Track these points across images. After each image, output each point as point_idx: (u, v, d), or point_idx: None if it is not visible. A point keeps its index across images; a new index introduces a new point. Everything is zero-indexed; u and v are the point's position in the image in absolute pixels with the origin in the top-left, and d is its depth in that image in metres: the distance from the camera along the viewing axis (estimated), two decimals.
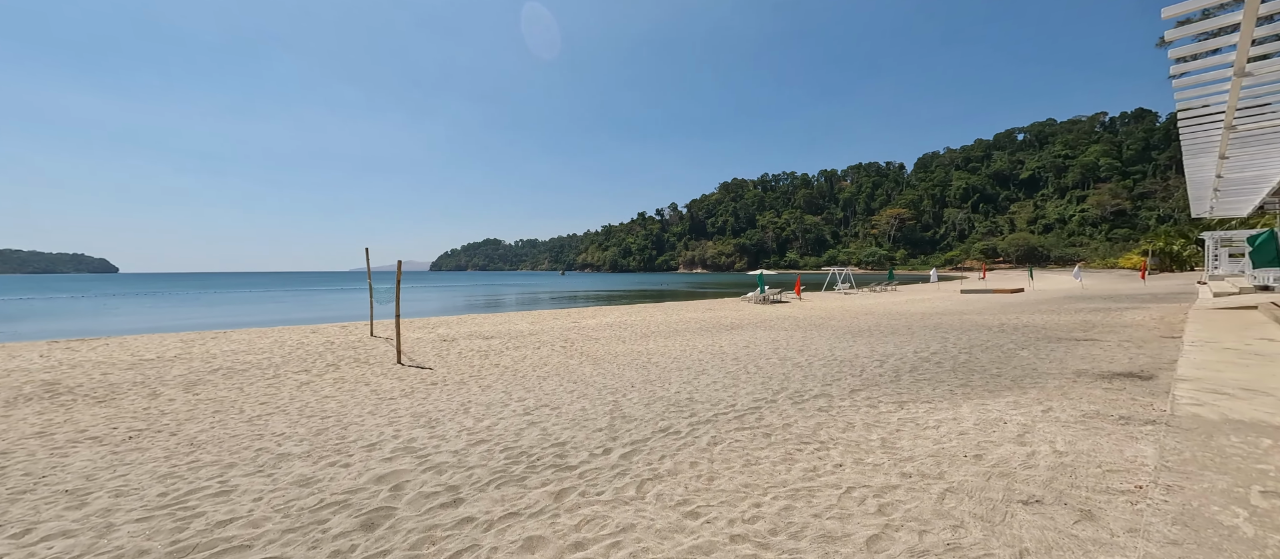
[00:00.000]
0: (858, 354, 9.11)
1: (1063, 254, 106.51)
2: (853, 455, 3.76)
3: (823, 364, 8.26)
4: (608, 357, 10.06)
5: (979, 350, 8.87)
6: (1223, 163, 7.08)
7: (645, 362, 9.32)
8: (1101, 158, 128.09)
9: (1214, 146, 5.96)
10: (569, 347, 11.63)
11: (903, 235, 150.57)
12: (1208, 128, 5.97)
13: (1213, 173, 7.50)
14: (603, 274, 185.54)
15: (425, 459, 4.43)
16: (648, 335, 13.29)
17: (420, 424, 5.77)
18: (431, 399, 7.02)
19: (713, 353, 10.02)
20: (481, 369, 9.23)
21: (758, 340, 11.65)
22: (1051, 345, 9.09)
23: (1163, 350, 8.13)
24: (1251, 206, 12.46)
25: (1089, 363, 7.39)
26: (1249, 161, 7.24)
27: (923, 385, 6.33)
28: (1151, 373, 6.49)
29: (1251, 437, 3.16)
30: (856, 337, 11.67)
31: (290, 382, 8.47)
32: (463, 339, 13.39)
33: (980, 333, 11.33)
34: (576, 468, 3.89)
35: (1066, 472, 3.31)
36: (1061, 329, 11.45)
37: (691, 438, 4.51)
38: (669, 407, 5.89)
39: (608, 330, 14.64)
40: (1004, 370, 7.03)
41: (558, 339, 12.89)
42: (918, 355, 8.64)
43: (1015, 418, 4.64)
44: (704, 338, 12.49)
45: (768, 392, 6.39)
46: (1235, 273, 23.65)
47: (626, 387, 7.24)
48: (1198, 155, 6.87)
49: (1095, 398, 5.29)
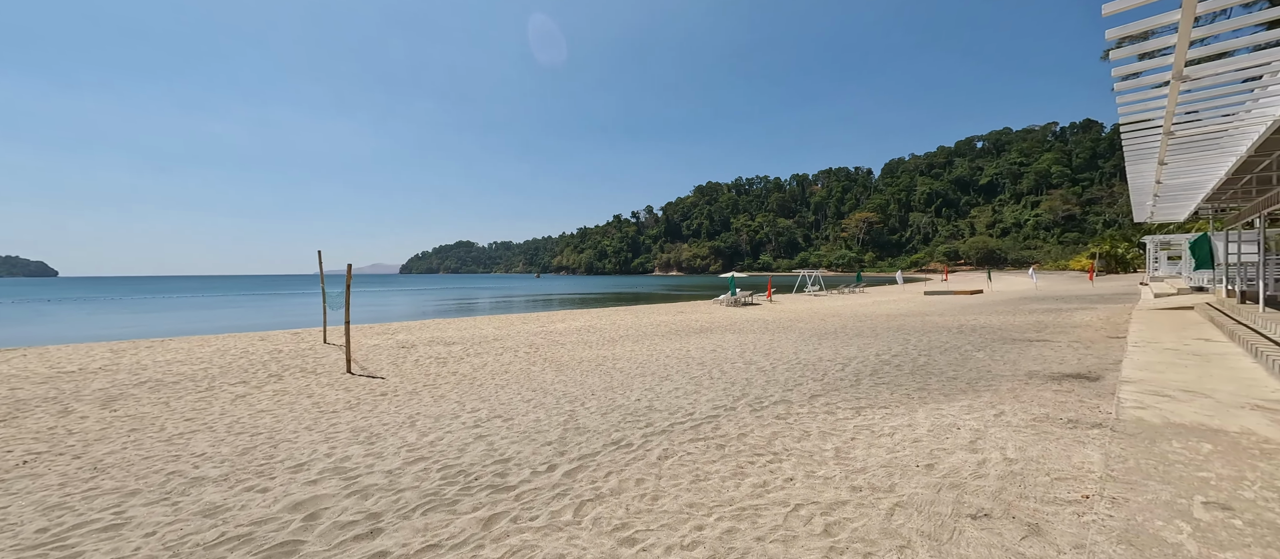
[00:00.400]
0: (822, 357, 9.11)
1: (1019, 257, 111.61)
2: (805, 468, 3.63)
3: (787, 368, 8.19)
4: (572, 363, 9.77)
5: (938, 353, 8.99)
6: (1162, 169, 7.37)
7: (610, 367, 9.09)
8: (1053, 165, 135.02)
9: (1154, 153, 6.18)
10: (533, 352, 11.28)
11: (871, 238, 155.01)
12: (1148, 135, 6.18)
13: (1152, 179, 7.83)
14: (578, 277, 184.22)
15: (353, 481, 4.08)
16: (616, 340, 13.05)
17: (359, 440, 5.37)
18: (377, 412, 6.60)
19: (679, 357, 9.86)
20: (438, 378, 8.81)
21: (725, 344, 11.57)
22: (1006, 347, 9.30)
23: (1109, 351, 8.40)
24: (1187, 211, 13.18)
25: (1040, 364, 7.55)
26: (1185, 168, 7.58)
27: (881, 389, 6.31)
28: (1098, 374, 6.65)
29: (1192, 441, 3.17)
30: (822, 339, 11.72)
31: (225, 395, 7.87)
32: (423, 345, 12.85)
33: (940, 334, 11.55)
34: (515, 488, 3.62)
35: (1016, 480, 3.24)
36: (1016, 330, 11.78)
37: (643, 451, 4.29)
38: (626, 416, 5.67)
39: (576, 335, 14.33)
40: (960, 373, 7.10)
41: (523, 345, 12.51)
42: (879, 358, 8.68)
43: (968, 423, 4.61)
44: (672, 342, 12.34)
45: (728, 398, 6.24)
46: (1173, 274, 25.12)
47: (586, 395, 6.99)
48: (1139, 162, 7.15)
49: (1045, 400, 5.34)
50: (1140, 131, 6.31)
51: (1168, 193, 9.02)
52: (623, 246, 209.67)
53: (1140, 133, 6.35)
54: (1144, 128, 6.08)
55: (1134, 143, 6.66)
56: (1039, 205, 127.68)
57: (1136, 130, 6.33)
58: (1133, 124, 6.10)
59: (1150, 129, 6.09)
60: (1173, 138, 5.08)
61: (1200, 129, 5.14)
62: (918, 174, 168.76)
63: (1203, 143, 6.09)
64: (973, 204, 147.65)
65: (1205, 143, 5.93)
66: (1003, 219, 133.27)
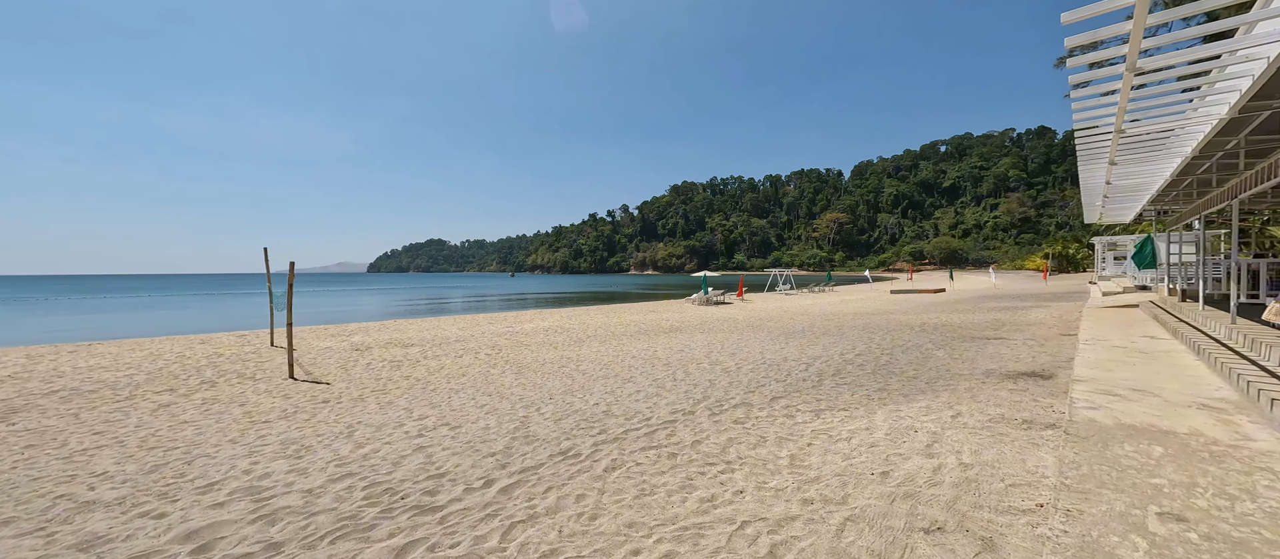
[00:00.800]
0: (787, 357, 9.02)
1: (979, 257, 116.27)
2: (757, 478, 3.42)
3: (751, 368, 8.06)
4: (534, 365, 9.41)
5: (900, 351, 9.03)
6: (1112, 170, 7.56)
7: (573, 369, 8.77)
8: (1011, 170, 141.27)
9: (1105, 153, 6.33)
10: (495, 354, 10.85)
11: (841, 238, 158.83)
12: (1099, 138, 6.30)
13: (1103, 180, 8.06)
14: (553, 276, 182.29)
15: (264, 503, 3.66)
16: (583, 340, 12.73)
17: (286, 454, 4.92)
18: (314, 421, 6.12)
19: (645, 358, 9.62)
20: (389, 382, 8.32)
21: (693, 344, 11.40)
22: (965, 345, 9.43)
23: (1061, 348, 8.59)
24: (1133, 213, 13.77)
25: (997, 362, 7.63)
26: (1133, 170, 7.82)
27: (842, 390, 6.21)
28: (1051, 371, 6.74)
29: (1143, 444, 3.12)
30: (790, 338, 11.70)
31: (146, 404, 7.20)
32: (379, 348, 12.23)
33: (903, 333, 11.68)
34: (442, 509, 3.29)
35: (971, 488, 3.12)
36: (975, 328, 12.03)
37: (590, 461, 4.02)
38: (580, 422, 5.39)
39: (542, 335, 13.93)
40: (920, 372, 7.09)
41: (486, 346, 12.05)
42: (843, 358, 8.65)
43: (926, 425, 4.52)
44: (640, 342, 12.10)
45: (689, 401, 6.04)
46: (1119, 273, 26.43)
47: (544, 399, 6.67)
48: (1091, 163, 7.33)
49: (1001, 400, 5.33)
50: (1093, 136, 6.43)
51: (1116, 193, 9.33)
52: (598, 245, 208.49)
53: (1092, 136, 6.47)
54: (1095, 133, 6.24)
55: (1087, 144, 6.79)
56: (998, 208, 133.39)
57: (1089, 135, 6.45)
58: (1086, 129, 6.20)
59: (1101, 134, 6.20)
60: (1124, 134, 5.16)
61: (1150, 126, 5.27)
62: (885, 176, 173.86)
63: (1150, 143, 6.26)
64: (937, 206, 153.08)
65: (1152, 143, 6.11)
66: (964, 220, 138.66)
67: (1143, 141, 6.10)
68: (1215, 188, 7.58)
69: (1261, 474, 2.64)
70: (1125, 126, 5.15)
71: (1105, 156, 6.64)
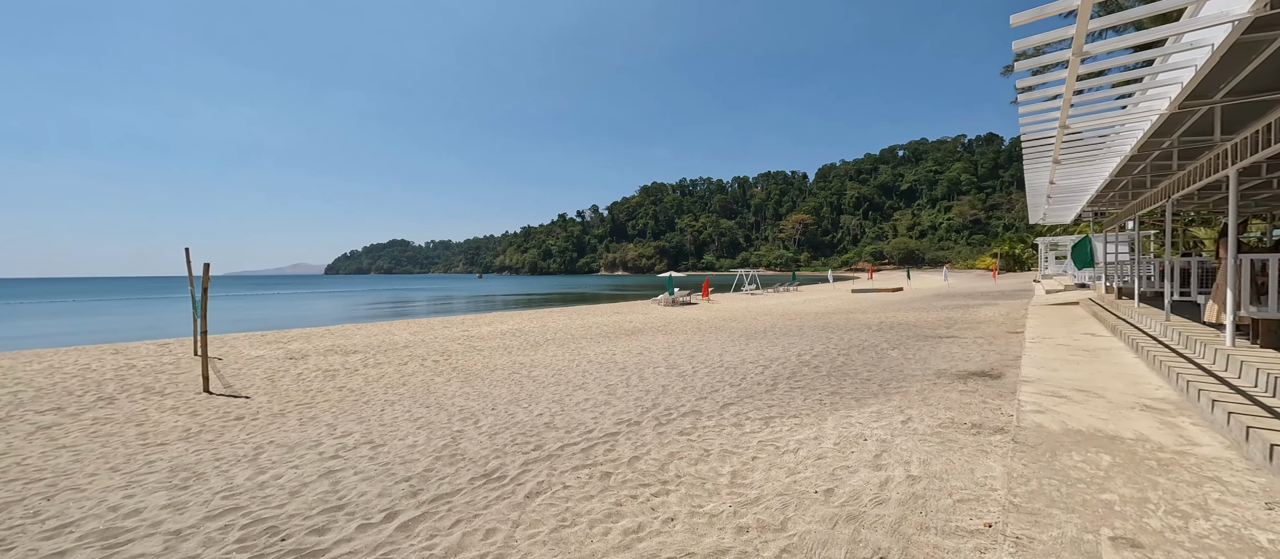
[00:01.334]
0: (745, 359, 8.83)
1: (934, 257, 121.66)
2: (692, 501, 3.11)
3: (708, 372, 7.81)
4: (483, 371, 8.86)
5: (856, 351, 8.99)
6: (1055, 169, 7.72)
7: (524, 376, 8.29)
8: (962, 174, 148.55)
9: (1049, 153, 6.42)
10: (444, 360, 10.22)
11: (806, 239, 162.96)
12: (1044, 136, 6.35)
13: (1047, 180, 8.27)
14: (521, 277, 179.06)
15: (114, 552, 3.07)
16: (541, 344, 12.21)
17: (171, 484, 4.28)
18: (218, 442, 5.44)
19: (602, 362, 9.23)
20: (318, 394, 7.62)
21: (653, 346, 11.09)
22: (919, 344, 9.49)
23: (1009, 347, 8.74)
24: (1073, 214, 14.41)
25: (948, 361, 7.65)
26: (1074, 171, 8.03)
27: (796, 394, 6.01)
28: (1000, 371, 6.77)
29: (1091, 452, 2.98)
30: (751, 339, 11.56)
31: (22, 427, 6.29)
32: (317, 355, 11.36)
33: (861, 333, 11.75)
34: (324, 553, 2.81)
35: (918, 506, 2.90)
36: (929, 327, 12.24)
37: (514, 485, 3.61)
38: (517, 436, 4.96)
39: (499, 339, 13.33)
40: (874, 374, 7.00)
41: (435, 352, 11.37)
42: (800, 359, 8.52)
43: (876, 432, 4.33)
44: (599, 345, 11.70)
45: (638, 410, 5.69)
46: (1060, 272, 27.90)
47: (485, 410, 6.19)
48: (1036, 163, 7.48)
49: (951, 402, 5.23)
50: (1038, 136, 6.49)
51: (1059, 194, 9.64)
52: (568, 246, 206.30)
53: (1038, 136, 6.53)
54: (1041, 132, 6.34)
55: (1033, 144, 6.86)
56: (951, 210, 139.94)
57: (1035, 135, 6.50)
58: (1032, 127, 6.23)
59: (1045, 134, 6.25)
60: (1068, 130, 5.19)
61: (1094, 120, 5.34)
62: (848, 179, 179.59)
63: (1091, 145, 6.38)
64: (895, 208, 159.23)
65: (1093, 145, 6.24)
66: (921, 222, 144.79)
67: (1085, 141, 6.20)
68: (1149, 188, 7.89)
69: (1211, 486, 2.52)
70: (1069, 121, 5.16)
71: (1049, 157, 6.75)
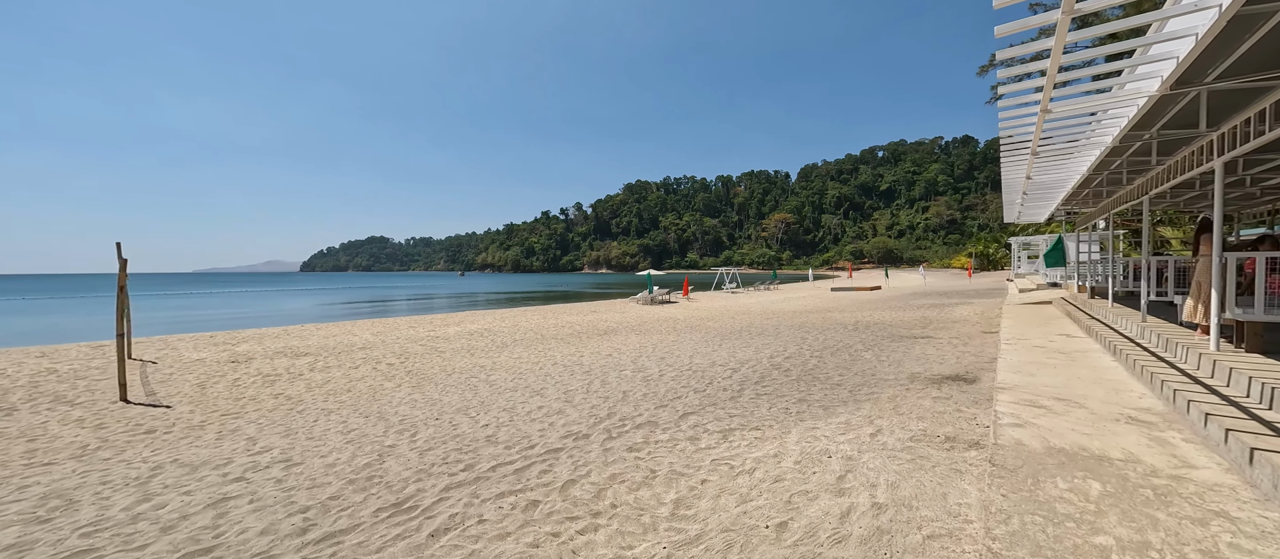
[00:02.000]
0: (716, 361, 8.42)
1: (912, 256, 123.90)
2: (621, 541, 2.64)
3: (675, 376, 7.37)
4: (439, 376, 8.26)
5: (829, 353, 8.66)
6: (1033, 163, 7.47)
7: (481, 381, 7.73)
8: (939, 175, 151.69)
9: (1027, 144, 6.16)
10: (400, 363, 9.57)
11: (788, 238, 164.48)
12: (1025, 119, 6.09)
13: (1023, 175, 8.07)
14: (504, 275, 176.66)
15: None
16: (508, 345, 11.63)
17: (35, 516, 3.67)
18: (116, 461, 4.80)
19: (567, 365, 8.72)
20: (249, 403, 6.96)
21: (624, 347, 10.62)
22: (893, 345, 9.21)
23: (984, 348, 8.51)
24: (1048, 212, 14.40)
25: (923, 364, 7.36)
26: (1051, 167, 7.82)
27: (762, 402, 5.61)
28: (975, 375, 6.48)
29: (1078, 478, 2.61)
30: (725, 340, 11.18)
31: None
32: (264, 358, 10.60)
33: (836, 332, 11.47)
34: None
35: (882, 543, 2.48)
36: (904, 327, 12.04)
37: (424, 519, 3.10)
38: (451, 452, 4.44)
39: (465, 340, 12.69)
40: (845, 378, 6.65)
41: (393, 354, 10.69)
42: (772, 361, 8.15)
43: (842, 447, 3.93)
44: (569, 346, 11.18)
45: (590, 420, 5.22)
46: (1032, 272, 28.31)
47: (427, 420, 5.65)
48: (1014, 155, 7.23)
49: (924, 411, 4.88)
50: (1017, 129, 6.23)
51: (1036, 191, 9.48)
52: (551, 244, 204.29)
53: (1017, 129, 6.27)
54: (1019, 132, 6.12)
55: (1011, 135, 6.60)
56: (928, 210, 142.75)
57: (1013, 130, 6.23)
58: (1012, 119, 5.95)
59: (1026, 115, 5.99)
60: (1049, 114, 4.89)
61: (1076, 104, 5.10)
62: (829, 179, 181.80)
63: (1071, 132, 6.14)
64: (875, 208, 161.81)
65: (1074, 128, 5.97)
66: (899, 222, 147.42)
67: (1065, 130, 5.95)
68: (1125, 186, 7.74)
69: (1219, 524, 2.17)
70: (1052, 105, 4.85)
71: (1027, 150, 6.49)
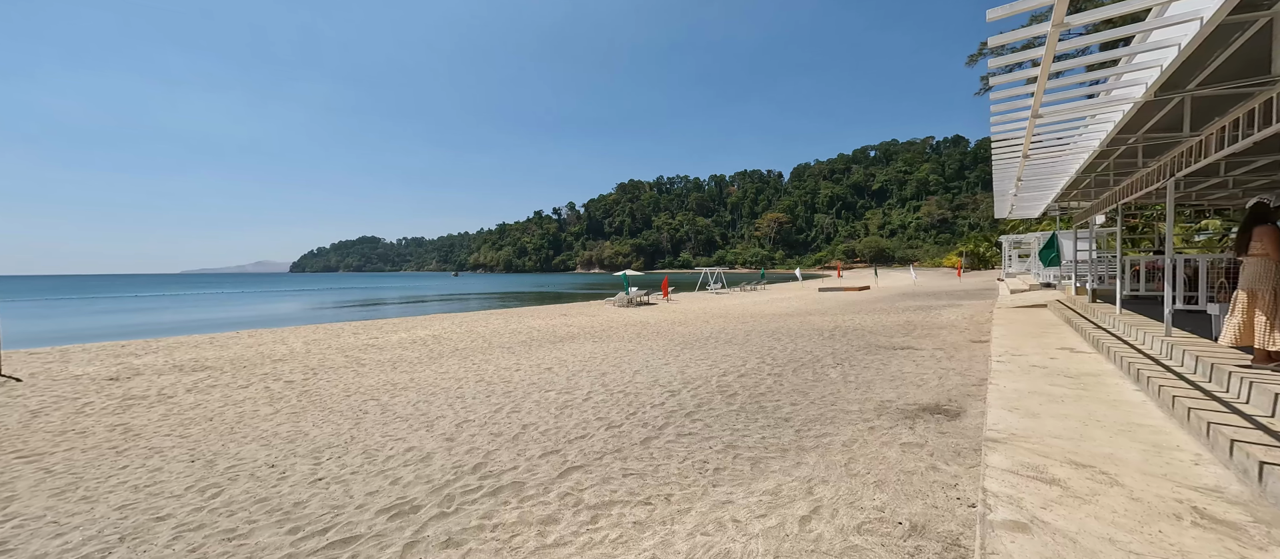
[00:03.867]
0: (658, 380, 7.10)
1: (904, 255, 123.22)
2: None
3: (601, 399, 6.06)
4: (333, 399, 6.86)
5: (791, 370, 7.37)
6: (1029, 145, 6.27)
7: (377, 406, 6.38)
8: (931, 175, 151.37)
9: (1023, 126, 5.03)
10: (301, 381, 8.16)
11: (781, 237, 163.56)
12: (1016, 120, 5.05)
13: (1015, 175, 6.84)
14: (496, 275, 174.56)
15: None
16: (442, 357, 10.25)
17: None
18: None
19: (492, 383, 7.37)
20: (69, 438, 5.62)
21: (569, 359, 9.29)
22: (868, 358, 7.93)
23: (973, 364, 7.25)
24: (1042, 206, 13.22)
25: (897, 387, 6.08)
26: (1049, 154, 6.62)
27: (678, 448, 4.30)
28: (959, 405, 5.20)
29: None
30: (685, 349, 9.90)
31: None
32: (151, 374, 9.17)
33: (809, 340, 10.20)
34: None
35: None
36: (885, 333, 10.80)
37: None
38: (214, 535, 3.09)
39: (401, 350, 11.29)
40: (798, 408, 5.35)
41: (304, 369, 9.26)
42: (721, 381, 6.83)
43: (753, 548, 2.62)
44: (512, 357, 9.82)
45: (447, 475, 3.91)
46: (1023, 271, 27.23)
47: (257, 469, 4.35)
48: (1005, 150, 6.07)
49: (887, 470, 3.58)
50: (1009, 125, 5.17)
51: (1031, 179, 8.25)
52: (543, 244, 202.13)
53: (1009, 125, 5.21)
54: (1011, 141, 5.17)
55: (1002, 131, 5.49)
56: (919, 209, 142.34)
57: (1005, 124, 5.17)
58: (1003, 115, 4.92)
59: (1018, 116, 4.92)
60: (1049, 84, 3.75)
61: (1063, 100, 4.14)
62: (822, 178, 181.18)
63: (1073, 114, 4.98)
64: (867, 207, 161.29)
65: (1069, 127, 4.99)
66: (891, 221, 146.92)
67: (1069, 101, 4.78)
68: (1140, 169, 6.53)
69: None
70: (1049, 81, 3.75)
71: (1023, 133, 5.36)
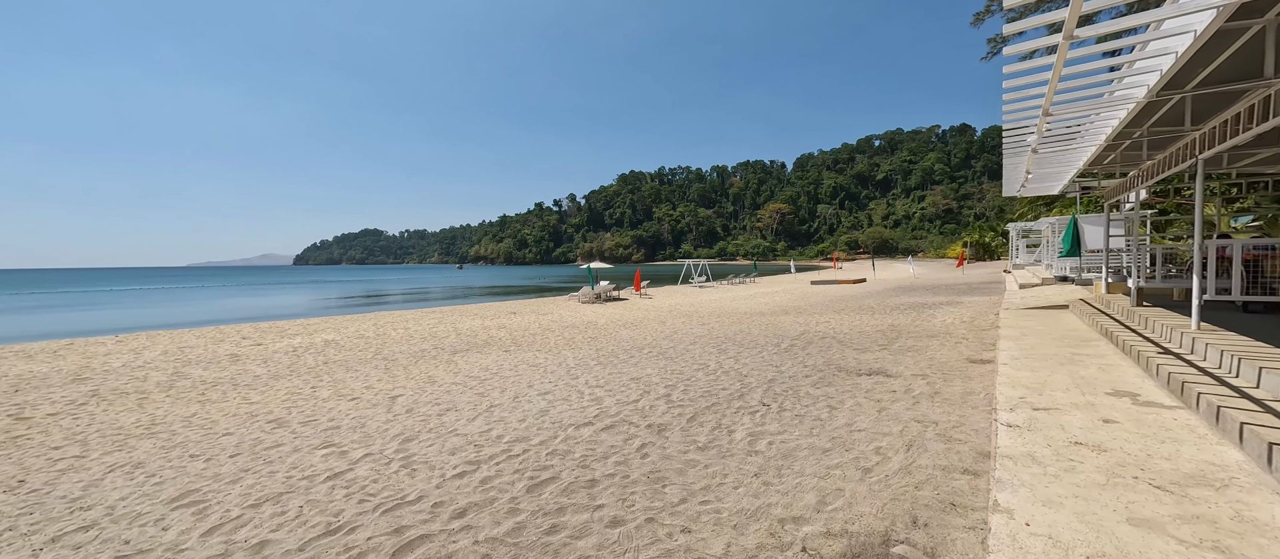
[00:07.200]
0: (544, 410, 5.05)
1: (908, 246, 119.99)
2: None
3: (420, 464, 4.03)
4: (134, 432, 4.83)
5: (687, 419, 5.29)
6: (1051, 100, 4.16)
7: (192, 447, 4.34)
8: (936, 164, 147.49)
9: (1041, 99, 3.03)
10: (172, 392, 6.15)
11: (784, 228, 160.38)
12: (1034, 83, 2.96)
13: (1038, 113, 4.73)
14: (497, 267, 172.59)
15: None
16: (301, 372, 8.24)
17: None
18: None
19: (310, 422, 5.33)
20: None
21: (457, 379, 7.28)
22: (816, 392, 5.78)
23: (968, 408, 5.16)
24: (1061, 184, 11.00)
25: (826, 479, 4.02)
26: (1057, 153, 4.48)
27: None
28: (943, 527, 3.14)
29: None
30: (612, 362, 7.92)
31: None
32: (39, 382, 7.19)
33: (759, 354, 8.14)
34: None
35: None
36: (860, 342, 8.71)
37: None
38: None
39: (320, 353, 9.31)
40: (605, 549, 3.30)
41: (197, 386, 7.25)
42: (593, 436, 4.78)
43: None
44: (392, 377, 7.78)
45: None
46: (1032, 262, 24.72)
47: None
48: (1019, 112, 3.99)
49: None
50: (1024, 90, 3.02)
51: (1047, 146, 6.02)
52: (544, 235, 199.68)
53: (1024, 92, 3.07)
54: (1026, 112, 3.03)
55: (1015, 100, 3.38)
56: (925, 200, 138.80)
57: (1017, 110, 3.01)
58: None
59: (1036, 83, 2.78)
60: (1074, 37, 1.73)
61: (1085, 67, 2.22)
62: (825, 169, 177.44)
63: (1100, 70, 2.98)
64: (871, 198, 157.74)
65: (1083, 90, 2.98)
66: (895, 211, 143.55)
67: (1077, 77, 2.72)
68: (1189, 130, 4.33)
69: None
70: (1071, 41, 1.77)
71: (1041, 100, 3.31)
